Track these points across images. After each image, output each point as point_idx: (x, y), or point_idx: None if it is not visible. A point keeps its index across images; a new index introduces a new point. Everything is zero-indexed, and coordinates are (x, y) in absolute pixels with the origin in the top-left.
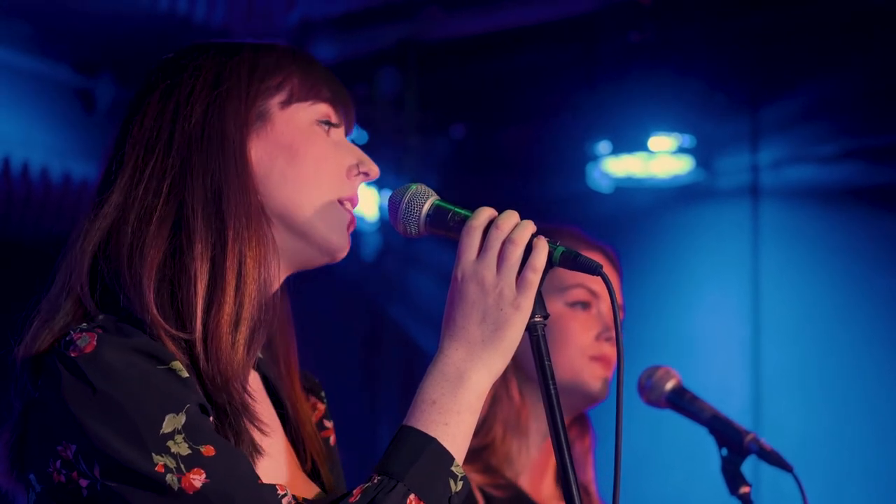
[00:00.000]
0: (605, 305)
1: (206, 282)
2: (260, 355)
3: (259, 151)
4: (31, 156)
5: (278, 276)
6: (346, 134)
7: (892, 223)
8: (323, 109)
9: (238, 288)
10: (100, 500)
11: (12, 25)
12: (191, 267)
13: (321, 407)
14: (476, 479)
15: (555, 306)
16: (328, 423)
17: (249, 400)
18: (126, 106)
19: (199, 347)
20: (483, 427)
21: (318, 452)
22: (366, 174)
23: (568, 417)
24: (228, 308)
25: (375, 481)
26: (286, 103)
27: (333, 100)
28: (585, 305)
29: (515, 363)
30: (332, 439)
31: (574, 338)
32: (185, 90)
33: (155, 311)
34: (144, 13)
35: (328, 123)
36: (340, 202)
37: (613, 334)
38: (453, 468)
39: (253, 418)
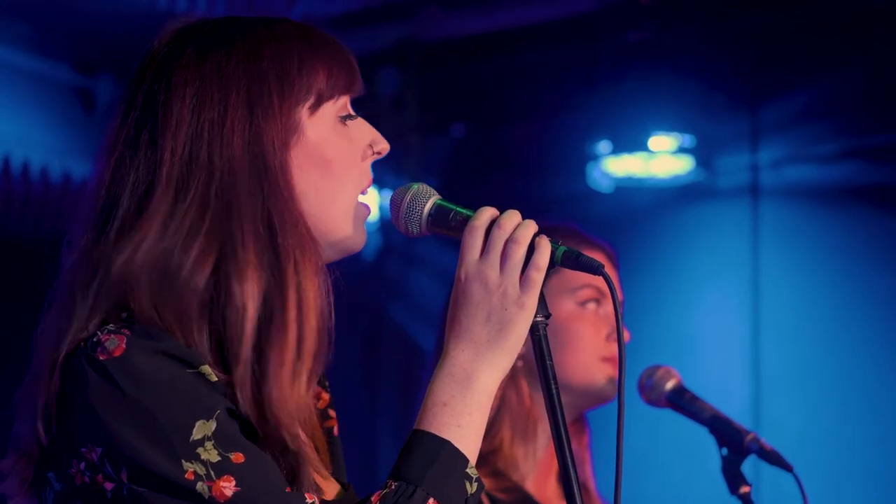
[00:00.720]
0: (610, 305)
1: (258, 322)
2: None
3: (294, 167)
4: (31, 155)
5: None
6: (357, 96)
7: (892, 222)
8: (343, 102)
9: (301, 323)
10: (125, 503)
11: (12, 25)
12: (242, 306)
13: (325, 396)
14: (484, 483)
15: (566, 307)
16: (332, 413)
17: (304, 444)
18: (138, 94)
19: (242, 393)
20: (490, 431)
21: (319, 440)
22: (378, 153)
23: (570, 417)
24: (291, 346)
25: (393, 487)
26: (315, 107)
27: (350, 80)
28: (596, 304)
29: (526, 365)
30: (335, 429)
31: (586, 339)
32: (217, 105)
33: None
34: (144, 12)
35: (348, 116)
36: (361, 194)
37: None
38: (468, 470)
39: (310, 463)
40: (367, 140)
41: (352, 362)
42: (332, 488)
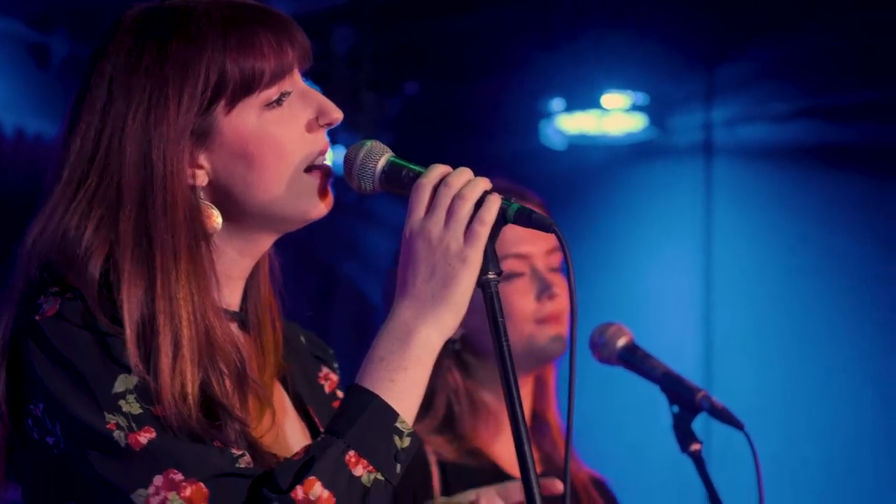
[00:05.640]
0: (539, 263)
1: (140, 320)
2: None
3: (214, 164)
4: None
5: (221, 294)
6: (302, 70)
7: (844, 182)
8: (269, 93)
9: (174, 330)
10: (65, 457)
11: None
12: (122, 307)
13: (334, 378)
14: (442, 450)
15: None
16: (339, 394)
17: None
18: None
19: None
20: (449, 399)
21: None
22: (328, 124)
23: (532, 373)
24: (166, 350)
25: (320, 439)
26: (230, 105)
27: (280, 67)
28: (519, 273)
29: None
30: None
31: (515, 306)
32: (122, 106)
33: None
34: None
35: (278, 100)
36: (309, 167)
37: (553, 291)
38: (398, 424)
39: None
40: (309, 115)
41: (303, 319)
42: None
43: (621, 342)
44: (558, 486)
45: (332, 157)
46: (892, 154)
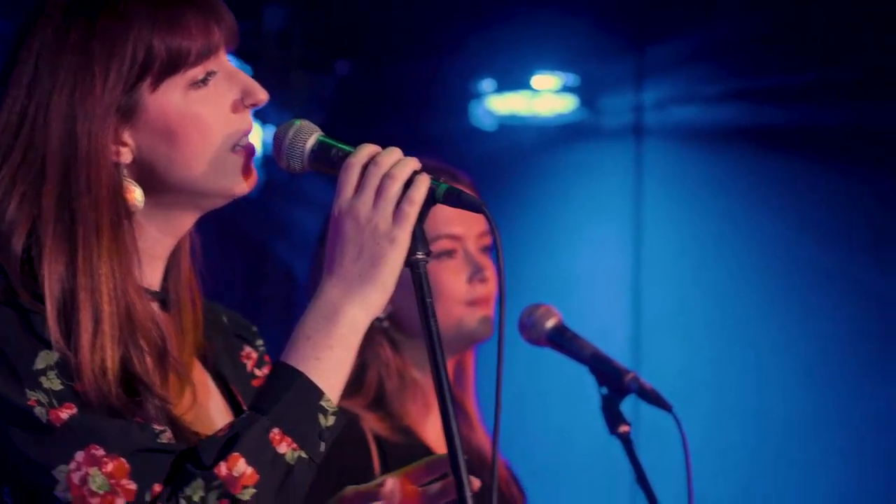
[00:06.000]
0: (471, 245)
1: (62, 296)
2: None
3: (138, 142)
4: None
5: (142, 271)
6: (228, 50)
7: (774, 164)
8: (194, 73)
9: (94, 306)
10: None
11: None
12: (43, 283)
13: (254, 355)
14: (375, 427)
15: None
16: (259, 373)
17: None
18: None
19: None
20: (378, 374)
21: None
22: (253, 105)
23: (455, 357)
24: (86, 326)
25: (244, 416)
26: (155, 84)
27: (206, 47)
28: (451, 254)
29: (404, 312)
30: None
31: (447, 288)
32: (48, 82)
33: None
34: None
35: (203, 80)
36: (234, 146)
37: (485, 274)
38: (323, 402)
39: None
40: (235, 95)
41: (233, 299)
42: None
43: (550, 323)
44: (475, 482)
45: (262, 136)
46: (822, 136)
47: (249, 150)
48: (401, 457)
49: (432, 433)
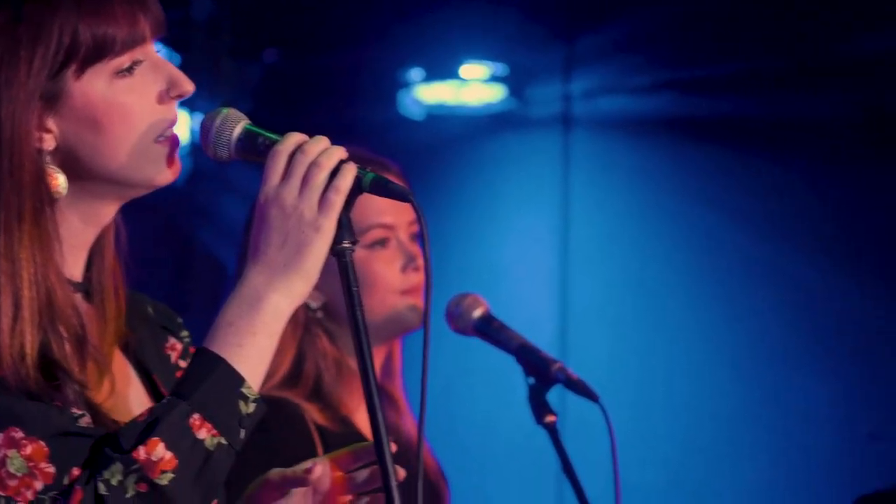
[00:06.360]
0: (403, 234)
1: None
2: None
3: (62, 129)
4: None
5: (65, 258)
6: (156, 40)
7: (702, 154)
8: (120, 61)
9: (15, 292)
10: None
11: None
12: None
13: (178, 347)
14: (316, 417)
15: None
16: (183, 364)
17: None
18: None
19: None
20: (316, 365)
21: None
22: (179, 96)
23: (385, 346)
24: (6, 311)
25: (164, 401)
26: (80, 71)
27: (131, 36)
28: (384, 243)
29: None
30: None
31: (380, 278)
32: None
33: None
34: None
35: (129, 69)
36: (158, 137)
37: (418, 263)
38: (243, 389)
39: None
40: (161, 86)
41: (161, 289)
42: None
43: (477, 313)
44: (400, 472)
45: (190, 124)
46: (750, 127)
47: (174, 140)
48: (340, 445)
49: (366, 422)
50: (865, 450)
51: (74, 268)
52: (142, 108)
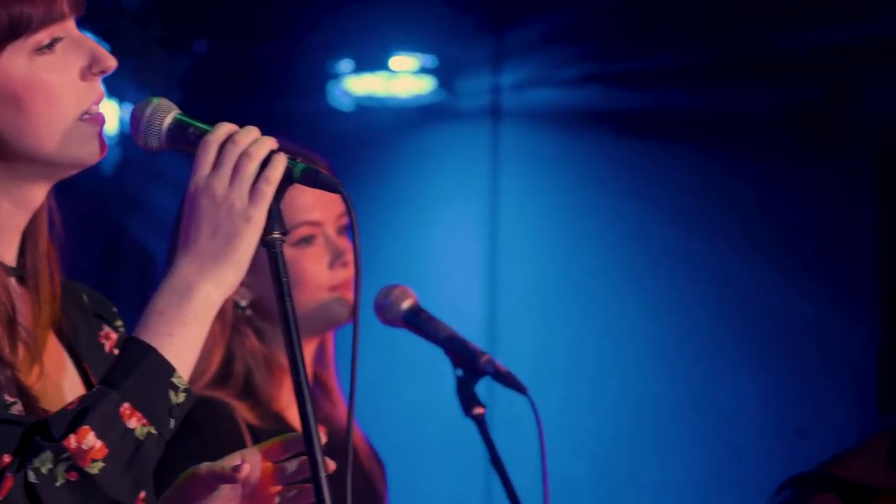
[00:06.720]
0: (331, 229)
1: None
2: None
3: None
4: None
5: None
6: (75, 16)
7: (631, 148)
8: (38, 38)
9: None
10: None
11: None
12: None
13: (113, 336)
14: (246, 415)
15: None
16: (116, 352)
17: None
18: None
19: None
20: (245, 364)
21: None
22: (102, 72)
23: (317, 338)
24: None
25: (95, 390)
26: None
27: (48, 13)
28: (310, 240)
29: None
30: None
31: (308, 275)
32: None
33: None
34: None
35: (49, 45)
36: (83, 115)
37: (346, 259)
38: (174, 379)
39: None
40: (82, 62)
41: (89, 277)
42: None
43: (406, 304)
44: (330, 465)
45: (120, 114)
46: (679, 121)
47: (99, 118)
48: None
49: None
50: (793, 446)
51: (7, 252)
52: (64, 84)
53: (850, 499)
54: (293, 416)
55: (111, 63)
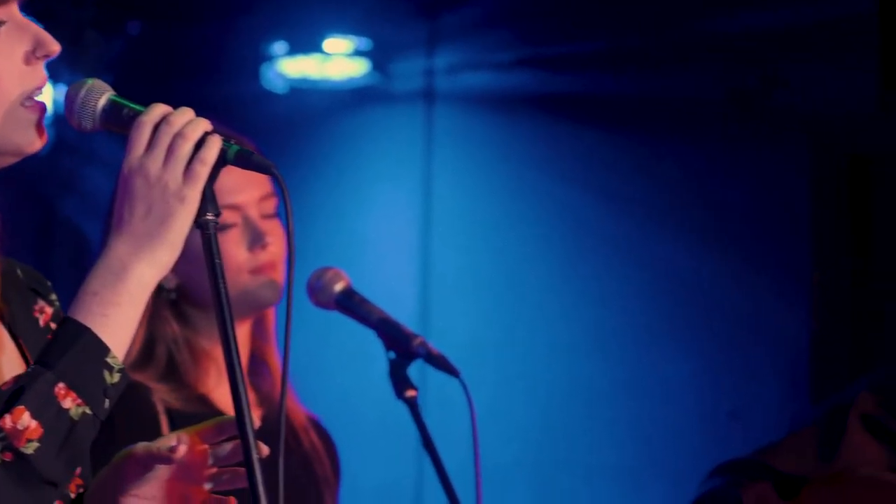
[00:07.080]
0: (253, 212)
1: None
2: None
3: None
4: None
5: None
6: (20, 4)
7: (566, 131)
8: None
9: None
10: None
11: None
12: None
13: (48, 310)
14: (167, 398)
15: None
16: (53, 325)
17: None
18: None
19: None
20: (167, 348)
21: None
22: (46, 56)
23: (249, 319)
24: None
25: (29, 370)
26: None
27: None
28: (230, 226)
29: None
30: None
31: (229, 258)
32: None
33: None
34: None
35: None
36: (25, 100)
37: (265, 241)
38: (109, 359)
39: None
40: (26, 47)
41: (23, 258)
42: None
43: (338, 287)
44: (264, 449)
45: (53, 95)
46: (613, 104)
47: (41, 106)
48: (195, 425)
49: (227, 397)
50: (726, 430)
51: None
52: (8, 70)
53: (781, 488)
54: (220, 398)
55: (55, 47)
